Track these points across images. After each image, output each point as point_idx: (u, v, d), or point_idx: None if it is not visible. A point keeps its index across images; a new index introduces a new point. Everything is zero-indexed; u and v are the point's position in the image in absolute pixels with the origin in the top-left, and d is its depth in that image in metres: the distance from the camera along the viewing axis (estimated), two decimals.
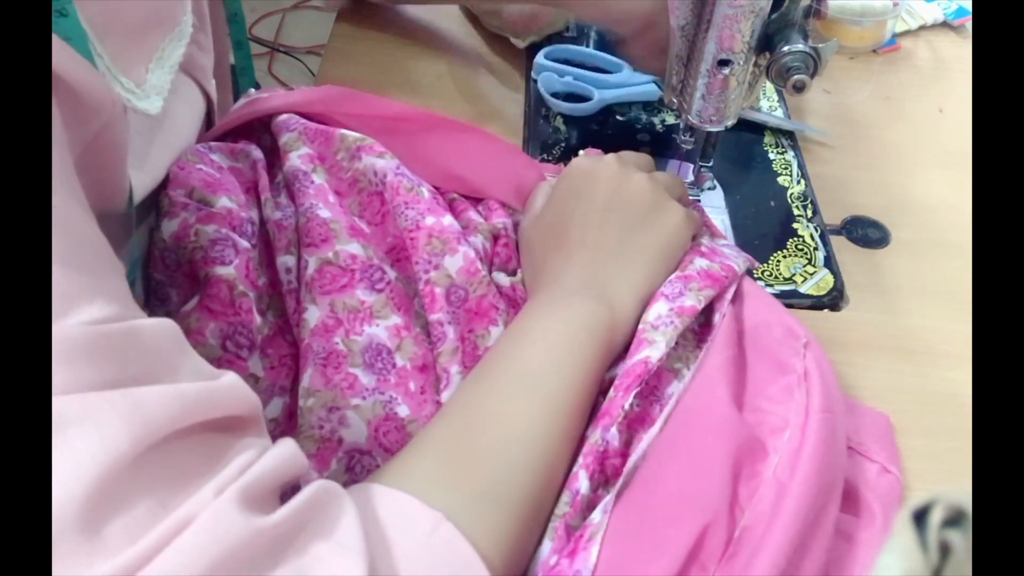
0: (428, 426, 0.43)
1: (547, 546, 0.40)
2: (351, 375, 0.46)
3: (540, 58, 0.74)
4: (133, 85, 0.42)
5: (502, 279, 0.52)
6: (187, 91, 0.56)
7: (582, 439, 0.44)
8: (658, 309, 0.48)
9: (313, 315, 0.46)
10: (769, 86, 0.75)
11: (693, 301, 0.48)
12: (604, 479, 0.43)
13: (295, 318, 0.48)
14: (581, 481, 0.42)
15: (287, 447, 0.34)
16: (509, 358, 0.46)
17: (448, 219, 0.51)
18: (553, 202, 0.54)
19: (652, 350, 0.45)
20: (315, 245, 0.48)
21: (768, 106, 0.74)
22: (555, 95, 0.72)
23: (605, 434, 0.43)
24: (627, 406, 0.43)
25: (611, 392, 0.45)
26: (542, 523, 0.43)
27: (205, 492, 0.29)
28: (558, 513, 0.41)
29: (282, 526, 0.31)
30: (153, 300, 0.48)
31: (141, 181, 0.47)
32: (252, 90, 0.59)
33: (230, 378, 0.33)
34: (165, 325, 0.32)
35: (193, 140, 0.56)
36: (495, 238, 0.54)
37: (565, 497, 0.41)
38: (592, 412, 0.46)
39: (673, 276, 0.51)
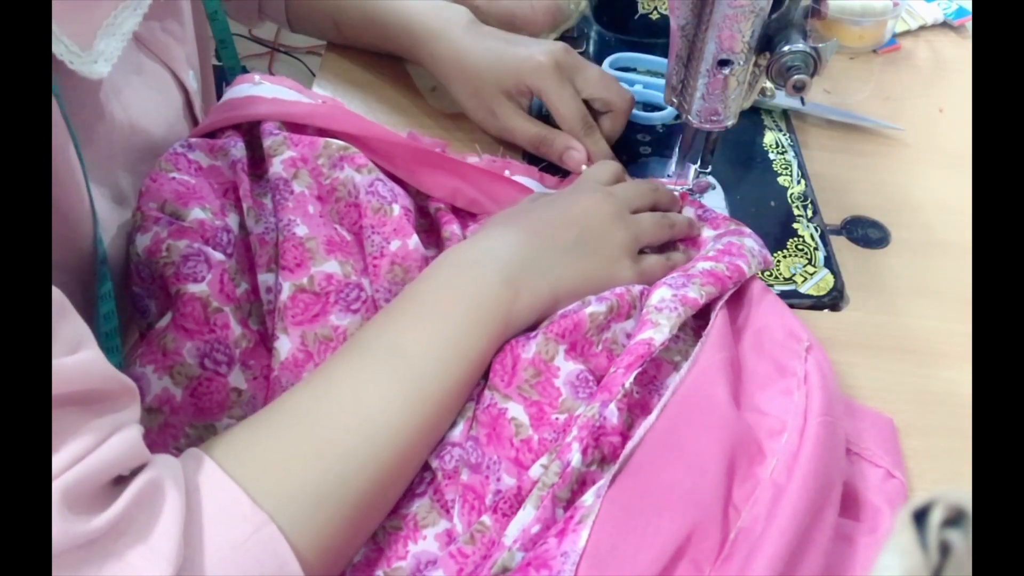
0: (286, 395, 0.42)
1: (530, 513, 0.40)
2: None
3: (606, 68, 0.73)
4: (78, 48, 0.42)
5: None
6: (157, 77, 0.54)
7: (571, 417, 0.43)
8: (661, 293, 0.48)
9: (284, 346, 0.46)
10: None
11: (695, 294, 0.48)
12: (600, 456, 0.43)
13: (271, 340, 0.47)
14: (573, 454, 0.41)
15: (129, 436, 0.33)
16: (387, 331, 0.44)
17: (414, 241, 0.50)
18: (538, 198, 0.53)
19: (656, 332, 0.45)
20: (290, 269, 0.48)
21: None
22: None
23: (603, 410, 0.42)
24: (627, 385, 0.43)
25: (612, 369, 0.45)
26: (382, 515, 0.42)
27: None
28: (546, 483, 0.41)
29: (103, 530, 0.31)
30: (133, 312, 0.48)
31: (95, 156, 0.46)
32: (257, 76, 0.57)
33: (85, 355, 0.32)
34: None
35: (167, 129, 0.54)
36: None
37: (555, 467, 0.41)
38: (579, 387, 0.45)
39: (676, 272, 0.51)
